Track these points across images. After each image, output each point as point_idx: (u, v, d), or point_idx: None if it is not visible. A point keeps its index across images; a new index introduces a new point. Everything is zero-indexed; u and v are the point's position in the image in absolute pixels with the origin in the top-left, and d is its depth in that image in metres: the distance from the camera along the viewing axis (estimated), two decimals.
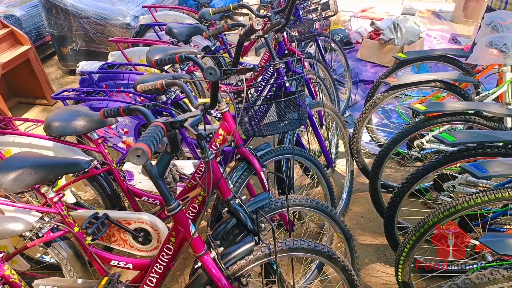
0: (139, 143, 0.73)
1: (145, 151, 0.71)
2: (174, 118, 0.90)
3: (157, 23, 3.06)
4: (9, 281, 1.11)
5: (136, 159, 0.71)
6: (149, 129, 0.82)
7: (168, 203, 1.03)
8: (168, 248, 1.22)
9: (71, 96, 1.93)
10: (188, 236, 1.08)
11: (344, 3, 5.46)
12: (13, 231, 1.01)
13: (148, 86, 1.45)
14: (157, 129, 0.82)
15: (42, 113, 3.49)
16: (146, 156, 0.71)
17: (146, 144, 0.73)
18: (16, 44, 3.24)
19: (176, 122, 0.89)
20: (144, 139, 0.75)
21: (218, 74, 0.95)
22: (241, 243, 1.17)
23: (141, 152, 0.71)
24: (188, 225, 1.08)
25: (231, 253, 1.14)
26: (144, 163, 0.71)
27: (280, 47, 2.16)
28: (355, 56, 4.15)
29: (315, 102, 2.06)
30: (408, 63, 2.45)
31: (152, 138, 0.76)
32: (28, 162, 1.21)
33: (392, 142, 1.87)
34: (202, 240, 1.10)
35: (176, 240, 1.20)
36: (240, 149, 1.56)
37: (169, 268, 1.25)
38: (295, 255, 1.24)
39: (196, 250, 1.09)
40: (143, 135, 0.78)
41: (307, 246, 1.23)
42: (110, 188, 1.73)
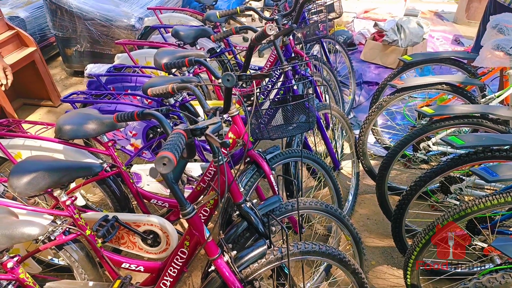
0: (164, 151, 0.74)
1: (171, 159, 0.72)
2: (194, 126, 0.91)
3: (163, 25, 3.07)
4: (24, 284, 1.12)
5: (162, 167, 0.72)
6: (171, 136, 0.82)
7: (183, 208, 1.04)
8: (183, 252, 1.23)
9: (80, 99, 1.94)
10: (202, 240, 1.09)
11: (347, 4, 5.47)
12: (29, 235, 1.02)
13: (159, 90, 1.46)
14: (179, 136, 0.82)
15: (47, 115, 3.50)
16: (172, 164, 0.72)
17: (171, 152, 0.74)
18: (22, 46, 3.24)
19: (197, 129, 0.89)
20: (169, 147, 0.76)
21: (235, 81, 0.95)
22: (254, 246, 1.18)
23: (167, 160, 0.72)
24: (203, 229, 1.09)
25: (244, 257, 1.15)
26: (170, 171, 0.72)
27: (287, 50, 2.17)
28: (358, 57, 4.16)
29: (322, 105, 2.07)
30: (414, 66, 2.46)
31: (176, 146, 0.77)
32: (42, 166, 1.21)
33: (399, 145, 1.88)
34: (216, 244, 1.10)
35: (190, 243, 1.21)
36: (250, 152, 1.56)
37: (183, 271, 1.26)
38: (307, 258, 1.25)
39: (210, 254, 1.09)
40: (167, 143, 0.79)
41: (318, 249, 1.24)
42: (119, 191, 1.74)
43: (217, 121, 0.92)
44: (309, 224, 1.95)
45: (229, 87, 1.06)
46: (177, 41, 2.44)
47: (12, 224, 1.05)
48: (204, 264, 1.97)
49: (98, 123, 1.50)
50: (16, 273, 1.11)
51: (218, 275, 1.12)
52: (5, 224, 1.05)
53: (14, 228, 1.04)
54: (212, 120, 0.93)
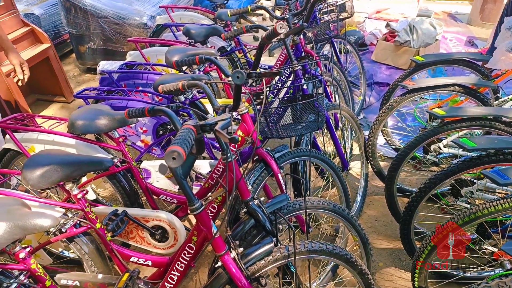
0: (174, 145, 0.75)
1: (180, 153, 0.73)
2: (204, 121, 0.92)
3: (174, 23, 3.10)
4: (35, 275, 1.15)
5: (172, 161, 0.73)
6: (181, 132, 0.83)
7: (191, 203, 1.05)
8: (190, 247, 1.24)
9: (92, 95, 1.97)
10: (210, 236, 1.10)
11: (359, 4, 5.43)
12: (41, 226, 1.05)
13: (169, 87, 1.47)
14: (188, 131, 0.83)
15: (60, 110, 3.56)
16: (181, 158, 0.73)
17: (181, 147, 0.75)
18: (36, 42, 3.30)
19: (206, 125, 0.90)
20: (178, 142, 0.77)
21: (245, 78, 0.96)
22: (261, 244, 1.18)
23: (176, 154, 0.73)
24: (210, 225, 1.10)
25: (250, 254, 1.16)
26: (179, 165, 0.73)
27: (297, 49, 2.17)
28: (369, 58, 4.13)
29: (331, 105, 2.06)
30: (426, 67, 2.43)
31: (185, 141, 0.77)
32: (55, 160, 1.24)
33: (409, 146, 1.86)
34: (223, 240, 1.11)
35: (198, 239, 1.23)
36: (258, 150, 1.57)
37: (190, 266, 1.27)
38: (314, 257, 1.25)
39: (217, 249, 1.10)
40: (177, 138, 0.80)
41: (325, 248, 1.24)
42: (129, 186, 1.76)
43: (226, 118, 0.93)
44: (317, 224, 1.95)
45: (239, 85, 1.07)
46: (188, 39, 2.46)
47: (25, 215, 1.08)
48: (211, 261, 1.98)
49: (110, 119, 1.52)
50: (28, 263, 1.14)
51: (225, 271, 1.13)
52: (18, 215, 1.07)
53: (26, 219, 1.06)
54: (221, 117, 0.94)
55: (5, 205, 1.10)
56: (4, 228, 1.02)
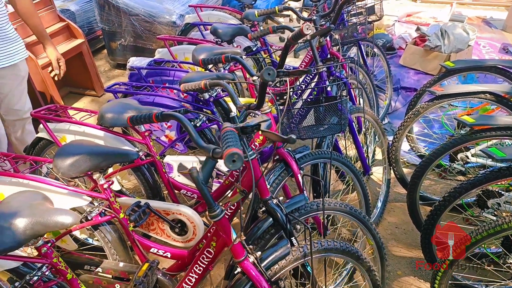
0: (232, 148, 0.73)
1: (240, 155, 0.72)
2: (245, 123, 0.91)
3: (202, 22, 3.15)
4: (57, 268, 1.17)
5: (232, 164, 0.72)
6: (227, 134, 0.81)
7: (211, 209, 1.03)
8: (209, 252, 1.25)
9: (122, 89, 2.04)
10: (229, 242, 1.08)
11: (389, 7, 5.34)
12: (62, 224, 1.04)
13: (191, 86, 1.51)
14: (233, 133, 0.82)
15: (90, 104, 3.70)
16: (241, 160, 0.72)
17: (238, 148, 0.74)
18: (71, 37, 3.45)
19: (247, 127, 0.90)
20: (233, 144, 0.75)
21: (276, 75, 0.96)
22: (276, 246, 1.18)
23: (237, 156, 0.72)
24: (230, 231, 1.08)
25: (268, 257, 1.15)
26: (239, 167, 0.72)
27: (323, 51, 2.16)
28: (397, 62, 4.04)
29: (355, 108, 2.04)
30: (456, 73, 2.36)
31: (237, 143, 0.76)
32: (85, 150, 1.30)
33: (435, 153, 1.82)
34: (242, 246, 1.10)
35: (217, 244, 1.23)
36: (279, 150, 1.58)
37: (208, 269, 1.28)
38: (329, 255, 1.26)
39: (236, 256, 1.09)
40: (229, 141, 0.78)
41: (339, 246, 1.26)
42: (152, 179, 1.82)
43: (266, 118, 0.93)
44: (335, 227, 1.93)
45: (265, 83, 1.07)
46: (215, 38, 2.50)
47: (47, 211, 1.06)
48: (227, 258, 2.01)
49: (137, 113, 1.57)
50: (50, 257, 1.15)
51: (245, 276, 1.12)
52: (40, 211, 1.06)
53: (48, 216, 1.05)
54: (261, 118, 0.93)
55: (28, 200, 1.09)
56: (26, 225, 1.01)
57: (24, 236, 1.01)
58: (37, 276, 1.16)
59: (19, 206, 1.05)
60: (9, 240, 0.98)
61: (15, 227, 1.00)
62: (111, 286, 1.45)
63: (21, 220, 1.02)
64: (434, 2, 5.98)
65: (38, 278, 1.16)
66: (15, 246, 0.99)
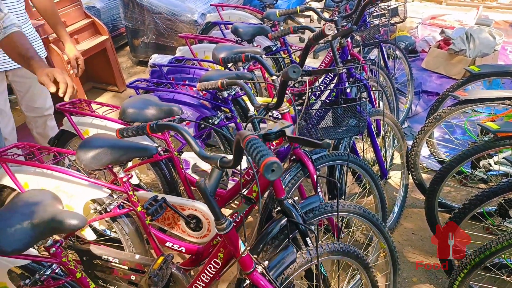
0: (270, 157, 0.69)
1: (280, 164, 0.68)
2: (267, 130, 0.88)
3: (223, 21, 3.18)
4: (66, 267, 1.18)
5: (271, 174, 0.68)
6: (254, 143, 0.75)
7: (219, 222, 0.99)
8: (216, 262, 1.22)
9: (143, 86, 2.09)
10: (237, 254, 1.05)
11: (413, 9, 5.23)
12: (70, 226, 1.03)
13: (208, 85, 1.52)
14: (260, 142, 0.76)
15: (112, 99, 3.79)
16: (281, 170, 0.68)
17: (275, 157, 0.69)
18: (96, 34, 3.54)
19: (270, 134, 0.87)
20: (268, 153, 0.70)
21: (300, 73, 0.96)
22: (283, 253, 1.16)
23: (276, 166, 0.68)
24: (238, 244, 1.04)
25: (275, 266, 1.14)
26: (279, 176, 0.69)
27: (343, 52, 2.14)
28: (419, 65, 3.96)
29: (374, 110, 2.02)
30: (481, 77, 2.30)
31: (270, 151, 0.72)
32: (106, 143, 1.34)
33: (456, 159, 1.77)
34: (251, 258, 1.07)
35: (224, 255, 1.20)
36: (296, 150, 1.58)
37: (215, 279, 1.26)
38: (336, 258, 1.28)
39: (245, 268, 1.06)
40: (261, 150, 0.72)
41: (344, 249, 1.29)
42: (170, 174, 1.85)
43: (288, 124, 0.90)
44: (349, 230, 1.91)
45: (286, 81, 1.07)
46: (235, 38, 2.52)
47: (56, 214, 1.06)
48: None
49: (157, 109, 1.61)
50: (59, 257, 1.15)
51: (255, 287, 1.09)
52: (50, 214, 1.05)
53: (58, 218, 1.05)
54: (282, 123, 0.90)
55: (38, 201, 1.08)
56: (34, 228, 1.01)
57: (32, 238, 1.01)
58: (46, 274, 1.18)
59: (28, 207, 1.05)
60: (17, 243, 0.98)
61: (24, 230, 1.00)
62: (127, 277, 1.48)
63: (30, 222, 1.02)
64: (460, 5, 5.82)
65: (48, 275, 1.18)
66: (22, 248, 0.99)
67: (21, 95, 2.13)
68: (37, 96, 2.15)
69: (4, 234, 0.98)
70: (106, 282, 1.55)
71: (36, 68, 1.43)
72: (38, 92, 2.14)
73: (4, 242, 0.97)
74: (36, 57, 1.47)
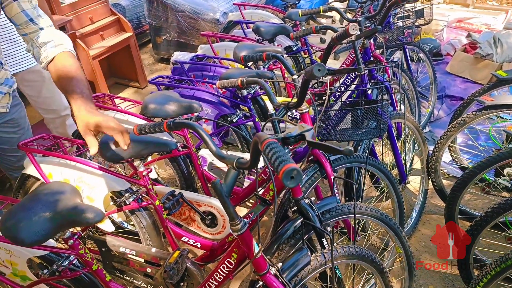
0: (290, 163, 0.66)
1: (299, 171, 0.66)
2: (286, 133, 0.86)
3: (245, 20, 3.19)
4: (83, 259, 1.20)
5: (291, 181, 0.65)
6: (273, 147, 0.72)
7: (234, 223, 0.98)
8: (229, 262, 1.22)
9: (164, 82, 2.12)
10: (251, 256, 1.04)
11: (439, 11, 5.10)
12: (88, 221, 1.05)
13: (228, 83, 1.53)
14: (279, 146, 0.73)
15: (133, 95, 3.87)
16: (300, 176, 0.66)
17: (294, 164, 0.66)
18: (120, 30, 3.62)
19: (290, 137, 0.85)
20: (287, 158, 0.68)
21: (325, 72, 0.96)
22: (297, 255, 1.15)
23: (296, 173, 0.65)
24: (252, 245, 1.03)
25: (289, 268, 1.13)
26: (298, 183, 0.66)
27: (366, 53, 2.11)
28: (443, 68, 3.86)
29: (395, 113, 1.98)
30: (508, 83, 2.22)
31: (289, 156, 0.70)
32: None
33: (479, 166, 1.72)
34: (264, 259, 1.06)
35: (238, 256, 1.19)
36: (314, 151, 1.57)
37: (228, 278, 1.26)
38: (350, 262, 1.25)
39: (258, 269, 1.05)
40: (280, 155, 0.70)
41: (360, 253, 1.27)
42: (187, 170, 1.87)
43: (308, 127, 0.87)
44: (365, 234, 1.89)
45: (308, 80, 1.06)
46: (256, 37, 2.52)
47: (75, 207, 1.07)
48: None
49: (178, 105, 1.63)
50: (76, 249, 1.17)
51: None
52: (69, 207, 1.06)
53: (76, 211, 1.06)
54: (302, 127, 0.87)
55: (57, 194, 1.09)
56: (53, 221, 1.02)
57: (51, 230, 1.03)
58: (64, 265, 1.20)
59: (48, 200, 1.07)
60: (36, 235, 1.00)
61: (43, 222, 1.02)
62: (143, 269, 1.51)
63: (49, 215, 1.03)
64: (488, 9, 5.63)
65: (65, 266, 1.20)
66: (41, 240, 1.00)
67: (34, 99, 2.10)
68: (50, 99, 2.12)
69: (24, 225, 1.00)
70: (122, 273, 1.59)
71: (75, 111, 1.10)
72: (50, 95, 2.11)
73: (23, 233, 0.99)
74: (78, 95, 1.11)
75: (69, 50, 1.24)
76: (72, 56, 1.24)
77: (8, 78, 1.50)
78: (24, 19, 1.21)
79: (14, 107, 1.57)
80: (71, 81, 1.14)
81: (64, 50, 1.22)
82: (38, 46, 1.22)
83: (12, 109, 1.56)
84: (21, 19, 1.21)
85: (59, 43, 1.23)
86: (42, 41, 1.22)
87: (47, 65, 1.21)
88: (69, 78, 1.15)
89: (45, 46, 1.21)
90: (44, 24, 1.25)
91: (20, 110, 1.62)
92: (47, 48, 1.20)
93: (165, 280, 1.37)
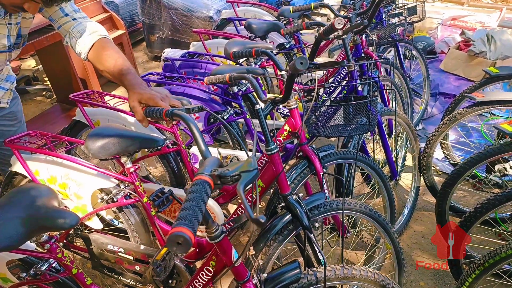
0: (179, 226, 0.57)
1: (188, 238, 0.55)
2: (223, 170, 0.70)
3: (238, 17, 3.18)
4: (61, 263, 1.19)
5: (177, 247, 0.56)
6: (190, 195, 0.63)
7: (209, 230, 0.89)
8: (208, 270, 1.18)
9: (155, 79, 2.11)
10: (229, 263, 0.97)
11: (433, 9, 5.11)
12: (62, 225, 1.02)
13: (216, 79, 1.51)
14: (200, 194, 0.63)
15: (126, 92, 3.84)
16: (189, 244, 0.55)
17: (187, 228, 0.56)
18: (113, 28, 3.59)
19: (226, 176, 0.69)
20: (183, 221, 0.57)
21: (308, 65, 0.94)
22: (286, 268, 1.08)
23: (183, 240, 0.55)
24: (231, 253, 0.96)
25: (274, 279, 1.06)
26: (186, 252, 0.57)
27: (357, 50, 2.11)
28: (437, 66, 3.86)
29: (386, 110, 1.98)
30: (500, 79, 2.22)
31: (194, 215, 0.58)
32: (114, 133, 1.35)
33: (469, 162, 1.72)
34: (244, 266, 1.00)
35: (216, 264, 1.15)
36: (303, 147, 1.56)
37: (208, 285, 1.23)
38: (346, 283, 1.17)
39: (238, 277, 1.00)
40: (182, 212, 0.60)
41: (359, 274, 1.14)
42: (177, 167, 1.86)
43: (253, 168, 0.71)
44: (355, 231, 1.88)
45: (294, 75, 1.05)
46: (249, 34, 2.51)
47: (50, 211, 1.03)
48: None
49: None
50: (54, 253, 1.15)
51: None
52: (43, 211, 1.02)
53: (50, 216, 1.02)
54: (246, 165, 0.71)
55: (33, 196, 1.05)
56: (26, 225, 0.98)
57: (24, 236, 0.98)
58: (42, 269, 1.17)
59: (22, 204, 1.03)
60: (8, 240, 0.96)
61: (15, 227, 0.98)
62: (132, 267, 1.50)
63: (22, 219, 0.99)
64: (483, 7, 5.65)
65: (43, 270, 1.17)
66: (14, 245, 0.98)
67: None
68: None
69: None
70: (111, 271, 1.57)
71: (128, 89, 1.17)
72: None
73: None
74: (126, 72, 1.20)
75: (105, 36, 1.32)
76: (109, 41, 1.32)
77: (10, 74, 1.53)
78: (60, 15, 1.32)
79: (12, 100, 1.61)
80: (116, 62, 1.22)
81: (100, 36, 1.30)
82: (74, 37, 1.30)
83: (10, 102, 1.59)
84: (57, 14, 1.31)
85: (93, 30, 1.30)
86: (77, 30, 1.30)
87: (87, 55, 1.29)
88: (113, 59, 1.23)
89: (81, 36, 1.29)
90: (77, 16, 1.33)
91: (18, 104, 1.67)
92: (83, 37, 1.28)
93: (153, 277, 1.36)
